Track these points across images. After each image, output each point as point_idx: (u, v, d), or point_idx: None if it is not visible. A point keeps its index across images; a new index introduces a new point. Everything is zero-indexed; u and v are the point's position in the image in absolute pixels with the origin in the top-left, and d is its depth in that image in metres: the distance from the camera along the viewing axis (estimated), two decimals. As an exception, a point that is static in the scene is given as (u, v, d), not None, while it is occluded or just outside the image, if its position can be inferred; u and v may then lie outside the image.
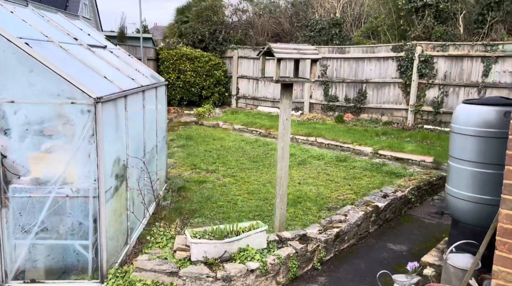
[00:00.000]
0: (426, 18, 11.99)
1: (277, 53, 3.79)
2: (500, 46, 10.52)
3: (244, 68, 16.24)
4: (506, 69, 10.48)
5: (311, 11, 15.45)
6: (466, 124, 3.69)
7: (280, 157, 4.30)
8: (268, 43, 3.90)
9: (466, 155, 3.70)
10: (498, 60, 10.56)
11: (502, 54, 10.45)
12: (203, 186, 6.74)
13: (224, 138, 10.57)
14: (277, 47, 3.85)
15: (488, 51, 10.68)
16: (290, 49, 3.93)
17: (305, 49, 4.01)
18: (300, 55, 3.91)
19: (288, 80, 4.02)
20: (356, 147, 9.51)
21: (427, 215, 5.59)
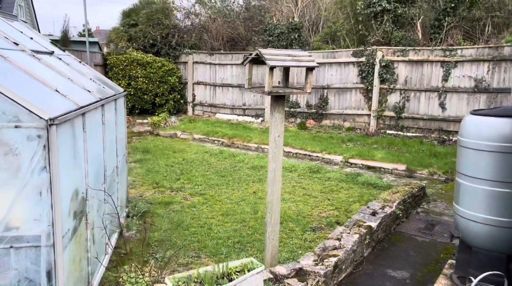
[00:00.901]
0: (385, 23, 11.97)
1: (270, 61, 3.22)
2: (459, 51, 10.65)
3: (200, 74, 15.52)
4: (465, 73, 10.62)
5: (268, 16, 15.04)
6: (480, 138, 3.33)
7: (272, 179, 3.72)
8: (258, 49, 3.33)
9: (481, 172, 3.34)
10: (457, 65, 10.68)
11: (461, 59, 10.58)
12: (170, 208, 6.01)
13: (185, 150, 9.82)
14: (268, 54, 3.29)
15: (447, 56, 10.79)
16: (282, 55, 3.38)
17: (299, 55, 3.48)
18: (296, 63, 3.37)
19: (283, 92, 3.46)
20: (325, 155, 9.15)
21: (417, 232, 5.26)
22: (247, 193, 6.71)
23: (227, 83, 14.80)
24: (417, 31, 11.90)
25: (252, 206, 6.09)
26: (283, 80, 3.84)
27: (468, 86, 10.60)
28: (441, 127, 11.07)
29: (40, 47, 4.53)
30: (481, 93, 10.43)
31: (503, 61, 10.05)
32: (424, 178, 7.84)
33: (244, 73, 14.33)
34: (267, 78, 3.31)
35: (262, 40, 14.41)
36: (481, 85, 10.40)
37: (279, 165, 3.72)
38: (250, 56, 3.47)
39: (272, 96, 3.51)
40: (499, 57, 10.05)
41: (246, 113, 14.50)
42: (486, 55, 10.26)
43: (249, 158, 8.89)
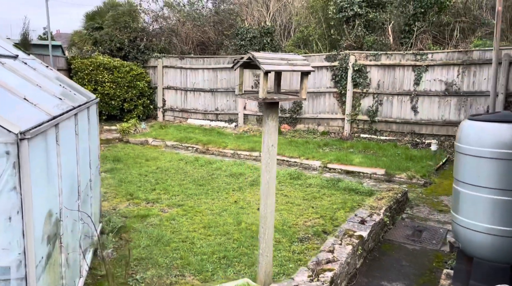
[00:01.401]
0: (357, 28, 12.02)
1: (265, 65, 2.99)
2: (430, 55, 10.82)
3: (171, 78, 15.09)
4: (436, 77, 10.79)
5: (240, 19, 14.83)
6: (481, 144, 3.22)
7: (265, 192, 3.48)
8: (251, 52, 3.09)
9: (483, 180, 3.23)
10: (428, 69, 10.85)
11: (432, 63, 10.75)
12: (147, 222, 5.64)
13: (158, 158, 9.41)
14: (262, 57, 3.06)
15: (418, 60, 10.93)
16: (276, 59, 3.16)
17: (294, 59, 3.27)
18: (291, 67, 3.16)
19: (278, 99, 3.24)
20: (304, 161, 9.01)
21: (406, 239, 5.16)
22: (228, 203, 6.43)
23: (199, 87, 14.45)
24: (388, 35, 12.03)
25: (235, 217, 5.82)
26: (275, 86, 3.62)
27: (439, 90, 10.77)
28: (414, 130, 11.20)
29: (2, 51, 4.10)
30: (452, 97, 10.63)
31: (472, 65, 10.27)
32: (403, 182, 7.82)
33: (216, 77, 14.06)
34: (262, 84, 3.08)
35: (234, 44, 14.19)
36: (452, 89, 10.59)
37: (273, 176, 3.49)
38: (242, 60, 3.23)
39: (265, 103, 3.28)
40: (469, 61, 10.27)
41: (219, 119, 14.20)
42: (456, 59, 10.47)
43: (226, 165, 8.61)
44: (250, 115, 13.55)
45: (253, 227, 5.44)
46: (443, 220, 5.83)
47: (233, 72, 13.58)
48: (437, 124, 10.84)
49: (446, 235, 5.28)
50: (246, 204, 6.36)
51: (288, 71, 3.19)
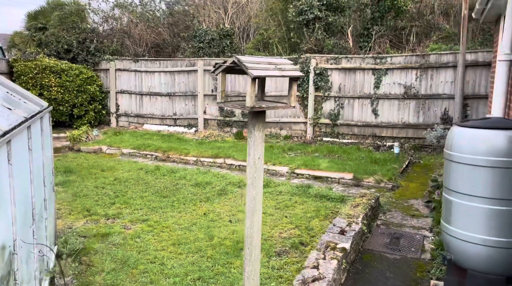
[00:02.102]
0: (317, 31, 12.00)
1: (253, 70, 2.68)
2: (389, 59, 10.98)
3: (124, 82, 14.34)
4: (395, 80, 10.97)
5: (197, 21, 14.40)
6: (475, 153, 3.10)
7: (251, 209, 3.16)
8: (235, 55, 2.76)
9: (478, 189, 3.11)
10: (387, 72, 11.00)
11: (391, 66, 10.91)
12: (110, 241, 5.12)
13: (115, 168, 8.79)
14: (249, 62, 2.74)
15: (377, 63, 11.07)
16: (264, 63, 2.85)
17: (282, 63, 2.98)
18: (280, 73, 2.86)
19: (266, 107, 2.93)
20: (270, 167, 8.76)
21: (385, 248, 5.03)
22: (196, 216, 6.03)
23: (155, 91, 13.84)
24: (348, 39, 12.11)
25: (206, 231, 5.44)
26: (259, 92, 3.31)
27: (399, 93, 10.96)
28: (375, 133, 11.32)
29: None
30: (411, 100, 10.84)
31: (430, 68, 10.53)
32: (372, 186, 7.79)
33: (174, 81, 13.52)
34: (249, 91, 2.76)
35: (192, 46, 13.73)
36: (410, 92, 10.81)
37: (259, 192, 3.17)
38: (224, 64, 2.89)
39: (252, 112, 2.96)
40: (426, 64, 10.51)
41: (177, 124, 13.67)
42: (414, 62, 10.69)
43: (190, 174, 8.18)
44: (210, 120, 13.14)
45: (226, 242, 5.09)
46: (417, 226, 5.79)
47: (191, 76, 13.13)
48: (397, 127, 11.02)
49: (423, 241, 5.21)
50: (216, 216, 5.99)
51: (277, 77, 2.90)
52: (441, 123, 10.50)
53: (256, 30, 13.96)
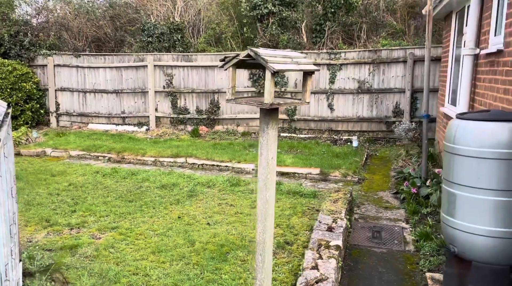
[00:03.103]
0: (271, 26, 11.92)
1: (273, 64, 2.47)
2: (343, 54, 11.19)
3: (65, 78, 13.31)
4: (349, 75, 11.21)
5: (144, 14, 13.70)
6: (481, 145, 3.15)
7: (263, 213, 2.95)
8: (250, 48, 2.53)
9: (483, 182, 3.16)
10: (342, 68, 11.21)
11: (345, 61, 11.13)
12: (81, 253, 4.64)
13: (67, 172, 8.08)
14: (267, 55, 2.52)
15: (332, 59, 11.24)
16: (280, 56, 2.65)
17: (296, 57, 2.80)
18: (297, 66, 2.68)
19: (283, 103, 2.73)
20: (235, 164, 8.55)
21: (369, 242, 5.05)
22: (170, 220, 5.67)
23: (101, 89, 12.99)
24: (302, 34, 12.16)
25: (185, 236, 5.13)
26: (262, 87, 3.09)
27: (353, 88, 11.21)
28: (331, 127, 11.51)
29: None
30: (364, 94, 11.14)
31: (381, 63, 10.89)
32: (339, 180, 7.87)
33: (121, 77, 12.77)
34: (268, 86, 2.54)
35: (140, 41, 13.05)
36: (364, 87, 11.11)
37: (272, 194, 2.97)
38: (236, 58, 2.65)
39: (265, 110, 2.75)
40: (378, 60, 10.85)
41: (126, 122, 12.95)
42: (367, 58, 10.99)
43: (153, 175, 7.73)
44: (163, 117, 12.60)
45: (209, 246, 4.83)
46: (393, 218, 5.91)
47: (140, 71, 12.49)
48: (352, 121, 11.28)
49: (403, 233, 5.32)
50: (192, 219, 5.68)
51: (295, 71, 2.71)
52: (393, 117, 10.92)
53: (207, 24, 13.58)
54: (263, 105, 2.60)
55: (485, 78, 5.36)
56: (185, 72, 12.19)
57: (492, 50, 4.87)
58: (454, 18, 8.00)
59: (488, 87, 5.18)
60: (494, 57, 4.95)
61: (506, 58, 4.51)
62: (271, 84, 2.55)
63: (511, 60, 4.37)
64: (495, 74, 4.89)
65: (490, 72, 5.13)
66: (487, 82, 5.25)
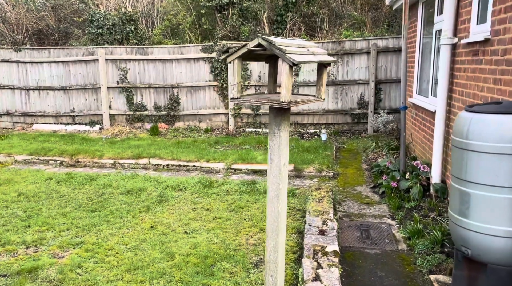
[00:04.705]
0: (232, 17, 11.43)
1: (292, 54, 2.05)
2: (306, 46, 10.93)
3: (4, 75, 12.06)
4: (313, 68, 10.99)
5: (92, 4, 12.68)
6: (502, 140, 2.92)
7: (274, 228, 2.55)
8: (262, 36, 2.10)
9: (503, 179, 2.95)
10: (306, 60, 10.95)
11: (309, 53, 10.88)
12: (43, 277, 3.99)
13: (14, 180, 7.20)
14: (284, 44, 2.11)
15: (296, 51, 10.95)
16: (295, 46, 2.24)
17: (311, 46, 2.40)
18: (315, 57, 2.28)
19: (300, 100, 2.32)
20: (204, 164, 8.04)
21: (360, 242, 4.80)
22: (142, 230, 5.11)
23: (46, 85, 11.90)
24: (263, 25, 11.78)
25: (161, 249, 4.61)
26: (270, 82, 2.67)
27: (317, 80, 11.00)
28: (297, 121, 11.27)
29: None
30: (329, 86, 10.99)
31: (345, 55, 10.76)
32: (314, 175, 7.61)
33: (69, 72, 11.75)
34: (285, 82, 2.12)
35: (89, 33, 12.06)
36: (329, 79, 10.94)
37: (284, 206, 2.57)
38: (243, 48, 2.20)
39: (274, 109, 2.34)
40: (342, 51, 10.72)
41: (76, 121, 11.97)
42: (331, 49, 10.82)
43: (115, 180, 7.05)
44: (118, 115, 11.76)
45: (191, 259, 4.35)
46: (377, 214, 5.71)
47: (90, 66, 11.56)
48: (318, 113, 11.10)
49: (391, 231, 5.12)
50: (167, 228, 5.16)
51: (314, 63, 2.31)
52: (357, 109, 10.86)
53: (163, 16, 12.81)
54: (280, 105, 2.19)
55: (466, 68, 5.25)
56: (141, 66, 11.41)
57: (477, 39, 4.74)
58: (421, 7, 7.95)
59: (471, 78, 5.07)
60: (479, 47, 4.82)
61: (496, 47, 4.38)
62: (289, 79, 2.14)
63: (502, 49, 4.24)
64: (481, 63, 4.77)
65: (473, 62, 5.02)
66: (469, 72, 5.14)
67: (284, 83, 2.14)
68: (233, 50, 2.27)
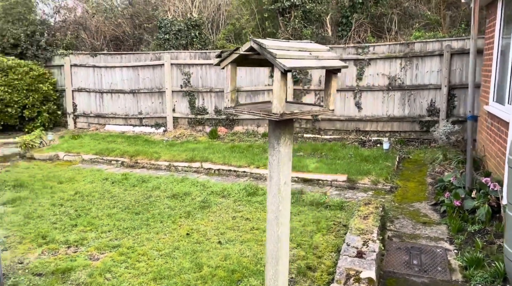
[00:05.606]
0: (294, 20, 11.16)
1: (283, 59, 1.77)
2: (371, 48, 10.32)
3: (82, 78, 12.97)
4: (378, 71, 10.34)
5: (162, 11, 13.19)
6: None
7: (274, 255, 2.27)
8: (254, 39, 1.86)
9: None
10: (370, 63, 10.35)
11: (374, 56, 10.26)
12: (73, 280, 4.08)
13: (75, 179, 7.62)
14: (275, 47, 1.84)
15: (360, 53, 10.39)
16: (294, 49, 1.96)
17: (317, 49, 2.10)
18: (318, 63, 1.97)
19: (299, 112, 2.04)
20: (254, 170, 7.87)
21: (407, 268, 4.28)
22: (178, 236, 5.06)
23: (118, 89, 12.58)
24: (326, 28, 11.35)
25: (192, 258, 4.50)
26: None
27: (383, 84, 10.34)
28: (358, 128, 10.67)
29: None
30: (396, 91, 10.25)
31: (415, 57, 9.96)
32: (368, 188, 7.07)
33: (138, 76, 12.31)
34: (277, 91, 1.85)
35: (157, 38, 12.54)
36: (395, 83, 10.21)
37: (285, 230, 2.28)
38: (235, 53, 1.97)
39: (272, 121, 2.07)
40: (411, 53, 9.94)
41: (143, 123, 12.49)
42: (398, 52, 10.09)
43: (164, 183, 7.16)
44: (180, 118, 12.07)
45: (219, 272, 4.17)
46: (433, 236, 5.10)
47: (157, 70, 11.99)
48: (382, 120, 10.41)
49: (447, 257, 4.51)
50: (202, 236, 5.05)
51: (315, 68, 2.01)
52: (427, 116, 9.99)
53: (227, 20, 12.93)
54: (271, 117, 1.91)
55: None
56: (203, 71, 11.59)
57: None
58: (500, 5, 7.04)
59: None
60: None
61: None
62: (282, 87, 1.86)
63: None
64: None
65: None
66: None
67: (275, 92, 1.87)
68: (225, 55, 2.05)
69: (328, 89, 2.15)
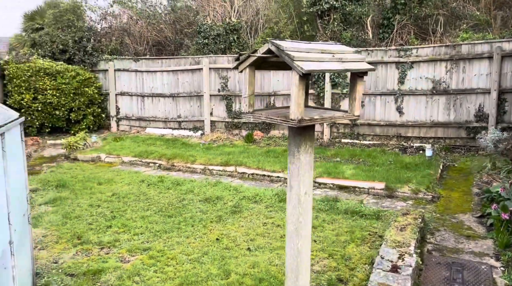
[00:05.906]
0: (333, 23, 10.93)
1: (301, 62, 1.66)
2: (414, 51, 9.90)
3: (125, 83, 13.37)
4: (422, 75, 9.89)
5: (202, 16, 13.36)
6: None
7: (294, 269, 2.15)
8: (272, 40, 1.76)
9: None
10: (413, 66, 9.92)
11: (417, 59, 9.83)
12: (103, 281, 4.14)
13: (114, 180, 7.81)
14: (294, 49, 1.73)
15: (402, 56, 9.99)
16: (316, 51, 1.84)
17: (341, 51, 1.97)
18: (341, 65, 1.85)
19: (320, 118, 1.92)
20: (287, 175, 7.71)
21: (446, 285, 4.00)
22: (207, 241, 5.03)
23: (158, 92, 12.85)
24: (367, 30, 11.03)
25: (220, 264, 4.44)
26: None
27: (426, 88, 9.87)
28: (400, 133, 10.25)
29: None
30: (440, 95, 9.76)
31: (461, 60, 9.44)
32: (408, 197, 6.74)
33: (177, 80, 12.51)
34: (295, 95, 1.75)
35: (197, 43, 12.71)
36: (440, 87, 9.72)
37: (306, 243, 2.16)
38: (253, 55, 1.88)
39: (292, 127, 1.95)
40: (457, 56, 9.43)
41: (182, 127, 12.68)
42: (443, 54, 9.61)
43: (198, 186, 7.18)
44: (218, 122, 12.13)
45: (246, 280, 4.08)
46: (477, 251, 4.75)
47: (195, 75, 12.13)
48: (425, 126, 9.94)
49: (492, 274, 4.18)
50: (231, 242, 4.99)
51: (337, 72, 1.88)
52: (475, 122, 9.43)
53: (265, 23, 12.90)
54: (289, 122, 1.80)
55: None
56: (241, 75, 11.57)
57: None
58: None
59: None
60: None
61: None
62: (300, 92, 1.74)
63: None
64: None
65: None
66: None
67: (293, 97, 1.76)
68: (243, 57, 1.96)
69: (353, 93, 2.01)
